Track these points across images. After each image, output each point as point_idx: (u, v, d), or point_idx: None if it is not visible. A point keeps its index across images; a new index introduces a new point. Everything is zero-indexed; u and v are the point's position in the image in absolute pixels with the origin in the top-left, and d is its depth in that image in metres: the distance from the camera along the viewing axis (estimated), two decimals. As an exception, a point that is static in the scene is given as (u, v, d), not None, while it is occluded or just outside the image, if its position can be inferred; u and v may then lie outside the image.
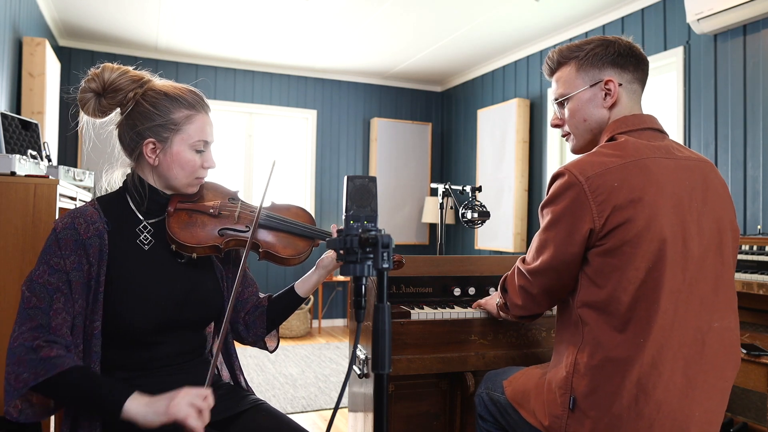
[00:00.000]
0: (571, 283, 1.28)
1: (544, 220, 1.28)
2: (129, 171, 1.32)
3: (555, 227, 1.24)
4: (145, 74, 1.30)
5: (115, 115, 1.30)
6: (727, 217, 1.26)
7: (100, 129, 1.33)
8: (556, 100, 1.39)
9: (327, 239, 1.03)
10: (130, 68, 1.29)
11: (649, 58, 3.69)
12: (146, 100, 1.25)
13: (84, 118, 1.31)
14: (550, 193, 1.26)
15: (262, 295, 1.47)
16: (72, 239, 1.17)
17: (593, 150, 1.27)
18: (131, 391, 1.10)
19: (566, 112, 1.37)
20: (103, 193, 1.33)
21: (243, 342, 1.45)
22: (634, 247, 1.15)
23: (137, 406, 1.08)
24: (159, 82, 1.31)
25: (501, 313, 1.59)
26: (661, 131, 1.32)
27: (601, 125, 1.33)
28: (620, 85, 1.31)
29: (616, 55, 1.30)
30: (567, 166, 1.23)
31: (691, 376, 1.17)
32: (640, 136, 1.27)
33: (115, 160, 1.34)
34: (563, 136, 1.43)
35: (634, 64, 1.32)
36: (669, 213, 1.17)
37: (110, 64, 1.27)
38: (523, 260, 1.38)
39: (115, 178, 1.36)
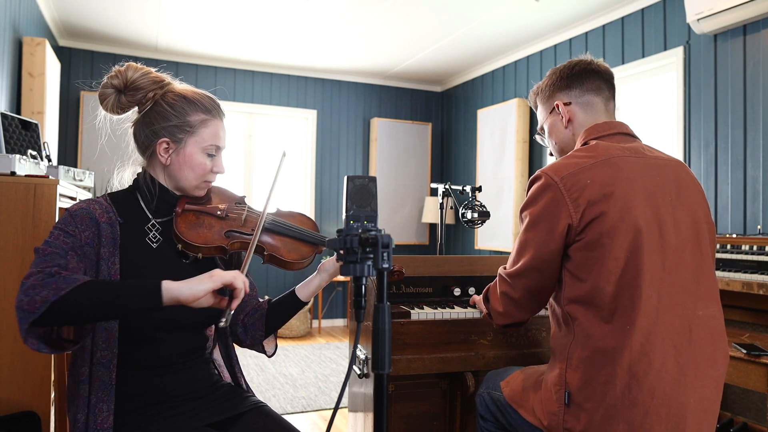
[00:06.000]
0: (553, 283, 1.34)
1: (523, 222, 1.36)
2: (140, 170, 1.34)
3: (535, 227, 1.31)
4: (166, 77, 1.34)
5: (132, 113, 1.34)
6: (702, 212, 1.32)
7: (116, 126, 1.36)
8: (538, 134, 1.61)
9: (327, 240, 1.03)
10: (153, 70, 1.33)
11: (649, 58, 3.73)
12: (165, 101, 1.29)
13: (101, 115, 1.34)
14: (528, 196, 1.35)
15: (261, 300, 1.47)
16: (87, 216, 1.19)
17: (568, 154, 1.38)
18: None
19: (546, 139, 1.57)
20: (112, 190, 1.36)
21: (241, 345, 1.45)
22: (611, 238, 1.22)
23: (174, 284, 1.06)
24: (179, 86, 1.35)
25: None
26: (632, 135, 1.42)
27: (567, 141, 1.49)
28: (568, 103, 1.46)
29: (558, 80, 1.48)
30: (543, 169, 1.33)
31: (682, 363, 1.20)
32: (611, 140, 1.37)
33: (128, 158, 1.37)
34: (550, 155, 1.62)
35: (579, 80, 1.45)
36: (641, 205, 1.24)
37: (135, 63, 1.31)
38: (504, 267, 1.44)
39: (125, 176, 1.38)
